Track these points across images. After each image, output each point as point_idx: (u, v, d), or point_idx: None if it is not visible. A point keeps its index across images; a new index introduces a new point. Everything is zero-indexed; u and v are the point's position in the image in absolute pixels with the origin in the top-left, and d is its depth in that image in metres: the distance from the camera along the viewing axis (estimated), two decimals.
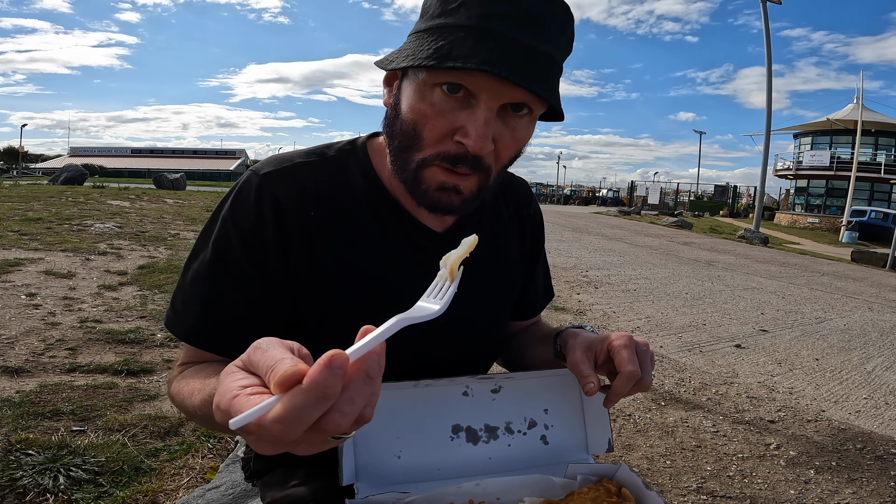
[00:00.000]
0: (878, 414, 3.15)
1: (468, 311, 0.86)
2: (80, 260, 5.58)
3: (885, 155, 28.36)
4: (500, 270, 0.91)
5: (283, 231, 0.75)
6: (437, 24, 0.68)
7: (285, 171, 0.78)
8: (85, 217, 8.72)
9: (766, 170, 20.13)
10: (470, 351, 0.89)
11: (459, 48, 0.64)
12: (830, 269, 10.10)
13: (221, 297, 0.75)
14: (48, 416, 2.28)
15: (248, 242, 0.74)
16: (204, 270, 0.75)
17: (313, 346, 0.81)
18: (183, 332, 0.76)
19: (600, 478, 0.80)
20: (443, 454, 0.81)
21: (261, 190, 0.75)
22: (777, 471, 2.42)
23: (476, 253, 0.86)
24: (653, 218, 22.73)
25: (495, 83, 0.65)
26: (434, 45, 0.66)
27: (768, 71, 19.57)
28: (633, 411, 2.96)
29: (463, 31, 0.65)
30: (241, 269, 0.74)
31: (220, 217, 0.77)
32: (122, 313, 3.90)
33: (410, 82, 0.70)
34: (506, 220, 0.93)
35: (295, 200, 0.76)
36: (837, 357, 4.23)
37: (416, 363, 0.83)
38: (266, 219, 0.75)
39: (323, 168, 0.80)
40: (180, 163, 69.63)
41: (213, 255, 0.75)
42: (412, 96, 0.69)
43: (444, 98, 0.67)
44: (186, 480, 1.95)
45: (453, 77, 0.66)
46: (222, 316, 0.75)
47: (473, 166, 0.69)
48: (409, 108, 0.70)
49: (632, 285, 6.62)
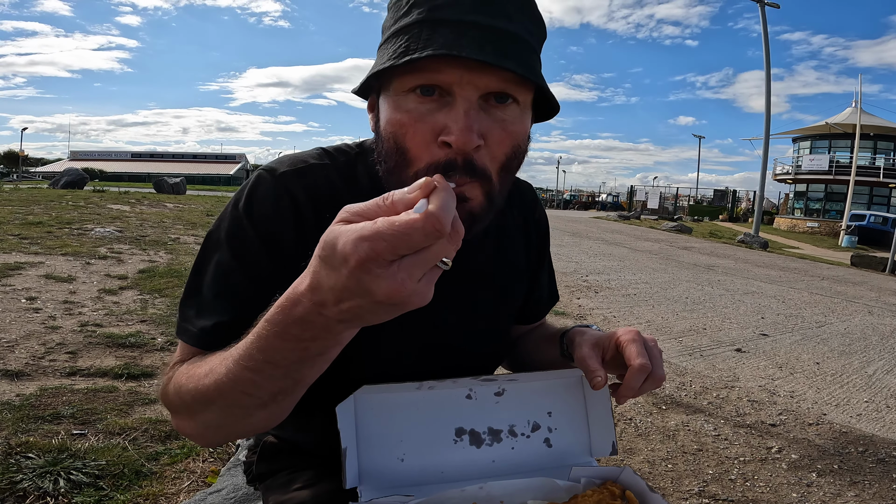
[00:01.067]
0: (880, 417, 3.15)
1: (473, 316, 0.86)
2: (81, 264, 5.58)
3: (884, 159, 28.41)
4: (507, 275, 0.91)
5: (301, 230, 0.73)
6: (392, 31, 0.67)
7: (300, 171, 0.76)
8: (85, 221, 8.72)
9: (765, 174, 20.18)
10: (474, 355, 0.89)
11: (415, 43, 0.62)
12: (830, 274, 10.11)
13: (239, 293, 0.71)
14: (48, 420, 2.27)
15: (266, 239, 0.72)
16: (220, 268, 0.72)
17: None
18: (196, 334, 0.71)
19: (604, 481, 0.79)
20: (446, 457, 0.81)
21: (278, 188, 0.73)
22: (779, 474, 2.42)
23: (483, 258, 0.86)
24: (652, 223, 22.74)
25: (465, 72, 0.62)
26: (391, 48, 0.65)
27: (767, 75, 19.64)
28: (635, 415, 2.96)
29: (416, 27, 0.64)
30: (260, 266, 0.72)
31: (232, 216, 0.74)
32: (122, 317, 3.90)
33: (385, 98, 0.68)
34: (511, 225, 0.93)
35: (310, 201, 0.74)
36: (838, 361, 4.23)
37: (419, 367, 0.83)
38: (285, 216, 0.72)
39: (334, 170, 0.79)
40: (180, 167, 69.60)
41: (229, 253, 0.72)
42: (388, 110, 0.67)
43: (419, 102, 0.64)
44: (187, 484, 1.94)
45: (422, 78, 0.63)
46: (240, 312, 0.70)
47: (468, 170, 0.64)
48: (387, 122, 0.67)
49: (632, 290, 6.62)
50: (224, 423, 0.63)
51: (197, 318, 0.71)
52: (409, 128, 0.64)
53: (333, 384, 0.81)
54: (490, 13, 0.63)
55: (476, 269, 0.86)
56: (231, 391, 0.58)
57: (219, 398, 0.60)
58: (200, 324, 0.71)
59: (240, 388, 0.57)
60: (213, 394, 0.60)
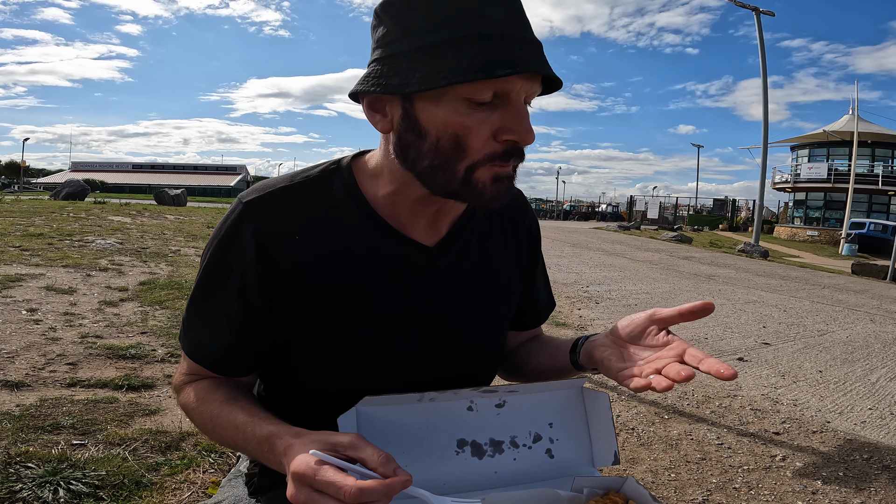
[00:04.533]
0: (884, 424, 3.13)
1: (463, 323, 0.87)
2: (82, 276, 5.58)
3: (882, 166, 28.44)
4: (494, 281, 0.91)
5: (266, 258, 0.77)
6: (443, 39, 0.68)
7: (268, 196, 0.79)
8: (86, 233, 8.73)
9: (764, 183, 20.23)
10: (467, 365, 0.89)
11: (492, 55, 0.66)
12: (831, 282, 10.10)
13: (211, 321, 0.80)
14: (48, 430, 2.26)
15: (233, 272, 0.78)
16: (197, 294, 0.81)
17: (306, 365, 0.82)
18: (186, 349, 0.83)
19: (606, 491, 0.79)
20: (448, 469, 0.80)
21: (242, 219, 0.78)
22: (784, 482, 2.40)
23: (469, 264, 0.87)
24: (652, 233, 22.76)
25: (524, 82, 0.69)
26: (461, 58, 0.66)
27: (763, 83, 19.75)
28: (637, 425, 2.95)
29: (485, 40, 0.67)
30: (228, 299, 0.78)
31: (212, 243, 0.80)
32: (122, 329, 3.90)
33: (436, 101, 0.69)
34: (499, 231, 0.93)
35: (277, 226, 0.77)
36: (841, 369, 4.22)
37: (410, 377, 0.83)
38: (247, 249, 0.77)
39: (307, 190, 0.81)
40: (181, 178, 69.75)
41: (203, 281, 0.80)
42: (445, 113, 0.69)
43: (477, 106, 0.69)
44: (188, 495, 1.93)
45: (495, 87, 0.68)
46: (213, 339, 0.80)
47: (520, 156, 0.74)
48: (443, 124, 0.70)
49: (632, 300, 6.62)
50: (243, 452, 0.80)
51: (186, 330, 0.83)
52: (473, 129, 0.70)
53: (332, 395, 0.81)
54: (524, 26, 0.71)
55: (465, 270, 0.87)
56: (222, 442, 0.78)
57: (215, 439, 0.79)
58: (188, 339, 0.83)
59: (229, 445, 0.77)
60: (210, 435, 0.79)
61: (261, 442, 0.68)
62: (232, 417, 0.74)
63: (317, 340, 0.80)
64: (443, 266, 0.85)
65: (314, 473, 0.55)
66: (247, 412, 0.74)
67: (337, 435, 0.61)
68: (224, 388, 0.80)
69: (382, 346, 0.81)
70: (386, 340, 0.82)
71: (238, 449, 0.75)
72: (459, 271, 0.86)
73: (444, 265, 0.85)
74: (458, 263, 0.86)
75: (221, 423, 0.75)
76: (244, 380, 0.85)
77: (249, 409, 0.74)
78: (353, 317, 0.79)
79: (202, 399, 0.80)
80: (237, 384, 0.83)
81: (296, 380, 0.84)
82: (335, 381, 0.82)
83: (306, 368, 0.82)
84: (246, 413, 0.73)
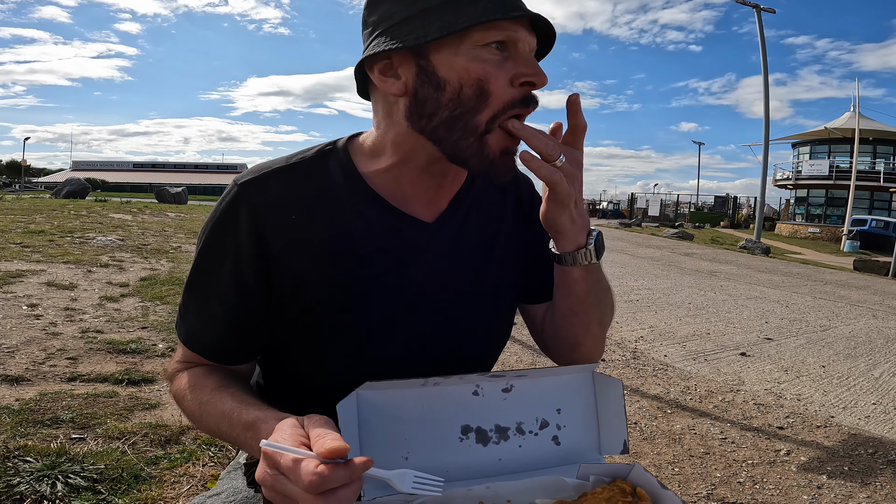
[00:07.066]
0: (888, 419, 3.11)
1: (463, 300, 0.85)
2: (82, 272, 5.57)
3: (884, 163, 28.35)
4: (495, 253, 0.89)
5: (262, 240, 0.75)
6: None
7: (263, 177, 0.78)
8: (87, 230, 8.73)
9: (765, 180, 20.17)
10: (470, 340, 0.87)
11: (493, 4, 0.71)
12: (833, 278, 10.07)
13: (206, 307, 0.79)
14: (47, 424, 2.25)
15: (228, 254, 0.76)
16: (193, 279, 0.80)
17: (305, 352, 0.80)
18: (181, 336, 0.82)
19: (613, 478, 0.77)
20: (452, 456, 0.78)
21: (237, 200, 0.77)
22: (788, 476, 2.38)
23: (469, 237, 0.85)
24: (653, 230, 22.73)
25: (526, 32, 0.73)
26: (476, 5, 0.70)
27: (764, 80, 19.70)
28: (640, 419, 2.93)
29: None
30: (223, 282, 0.77)
31: (207, 226, 0.79)
32: (123, 324, 3.88)
33: (453, 51, 0.72)
34: (499, 202, 0.91)
35: (273, 207, 0.76)
36: (844, 364, 4.20)
37: (412, 360, 0.82)
38: (242, 230, 0.75)
39: (303, 171, 0.80)
40: (182, 177, 69.71)
41: (198, 266, 0.79)
42: (466, 60, 0.72)
43: (494, 53, 0.72)
44: (187, 489, 1.91)
45: (502, 35, 0.72)
46: (208, 324, 0.79)
47: (536, 102, 0.76)
48: (465, 70, 0.72)
49: (634, 296, 6.60)
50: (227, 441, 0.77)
51: (182, 317, 0.82)
52: (493, 74, 0.72)
53: (331, 379, 0.80)
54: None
55: (465, 244, 0.86)
56: (208, 430, 0.76)
57: (202, 427, 0.77)
58: (184, 326, 0.82)
59: (213, 432, 0.75)
60: (197, 423, 0.78)
61: (246, 427, 0.66)
62: (220, 404, 0.72)
63: (315, 324, 0.78)
64: (442, 241, 0.83)
65: (280, 456, 0.54)
66: (236, 399, 0.72)
67: (312, 419, 0.59)
68: (216, 376, 0.78)
69: (383, 325, 0.80)
70: (386, 318, 0.80)
71: (222, 437, 0.73)
72: (459, 245, 0.85)
73: (444, 239, 0.84)
74: (459, 237, 0.85)
75: (208, 410, 0.74)
76: (240, 369, 0.83)
77: (239, 396, 0.72)
78: (353, 295, 0.78)
79: (193, 386, 0.78)
80: (231, 373, 0.81)
81: (294, 368, 0.83)
82: (334, 368, 0.80)
83: (305, 355, 0.80)
84: (235, 399, 0.72)
